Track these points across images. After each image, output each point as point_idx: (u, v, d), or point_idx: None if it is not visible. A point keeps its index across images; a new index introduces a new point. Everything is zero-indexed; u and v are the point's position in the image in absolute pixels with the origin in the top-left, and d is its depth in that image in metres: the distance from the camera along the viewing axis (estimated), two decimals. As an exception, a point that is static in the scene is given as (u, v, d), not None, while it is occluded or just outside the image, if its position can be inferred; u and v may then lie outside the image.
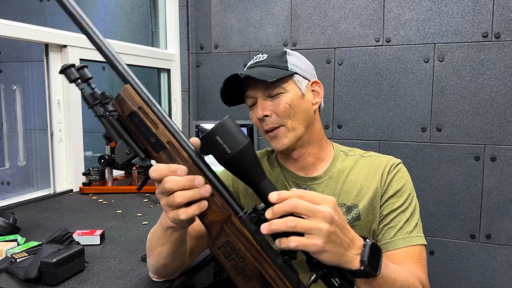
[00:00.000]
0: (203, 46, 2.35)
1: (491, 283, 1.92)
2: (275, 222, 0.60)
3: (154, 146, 0.64)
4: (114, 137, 0.66)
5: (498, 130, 1.86)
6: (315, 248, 0.60)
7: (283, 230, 0.60)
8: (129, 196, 1.70)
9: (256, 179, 0.65)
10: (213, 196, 0.64)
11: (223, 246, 0.64)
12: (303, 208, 0.60)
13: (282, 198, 0.61)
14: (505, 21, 1.81)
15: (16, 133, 2.27)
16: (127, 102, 0.63)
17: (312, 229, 0.60)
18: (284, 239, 0.60)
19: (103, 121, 0.66)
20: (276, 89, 0.96)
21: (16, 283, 0.91)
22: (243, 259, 0.64)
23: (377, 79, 2.03)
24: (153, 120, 0.64)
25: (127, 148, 0.65)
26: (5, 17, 1.49)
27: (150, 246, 0.85)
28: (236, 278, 0.65)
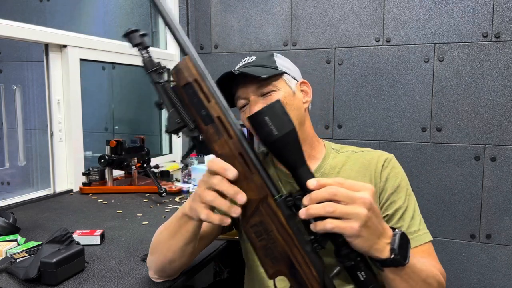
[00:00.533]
0: (203, 46, 2.35)
1: (491, 283, 1.92)
2: (313, 206, 0.61)
3: (203, 119, 0.66)
4: (167, 105, 0.68)
5: (498, 130, 1.86)
6: (351, 231, 0.61)
7: (321, 215, 0.61)
8: (129, 196, 1.70)
9: (296, 164, 0.66)
10: (253, 175, 0.65)
11: (256, 226, 0.66)
12: (342, 195, 0.61)
13: (321, 185, 0.63)
14: (505, 21, 1.81)
15: (16, 133, 2.27)
16: (184, 73, 0.66)
17: (350, 214, 0.61)
18: (320, 221, 0.62)
19: (158, 88, 0.68)
20: (268, 87, 0.96)
21: (16, 283, 0.91)
22: (274, 241, 0.65)
23: (377, 79, 2.03)
24: (206, 93, 0.66)
25: (178, 118, 0.67)
26: (5, 17, 1.49)
27: (159, 240, 0.86)
28: (264, 259, 0.66)
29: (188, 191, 1.76)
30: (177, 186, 1.78)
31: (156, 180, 1.68)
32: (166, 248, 0.84)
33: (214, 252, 1.15)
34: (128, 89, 2.57)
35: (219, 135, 0.65)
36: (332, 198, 0.61)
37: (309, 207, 0.62)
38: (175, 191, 1.74)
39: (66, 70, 1.73)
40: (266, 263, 0.67)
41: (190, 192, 1.76)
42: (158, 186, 1.62)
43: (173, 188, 1.74)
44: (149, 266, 0.93)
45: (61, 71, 1.74)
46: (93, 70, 2.40)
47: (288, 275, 0.67)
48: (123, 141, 1.75)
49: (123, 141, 1.76)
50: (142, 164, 1.78)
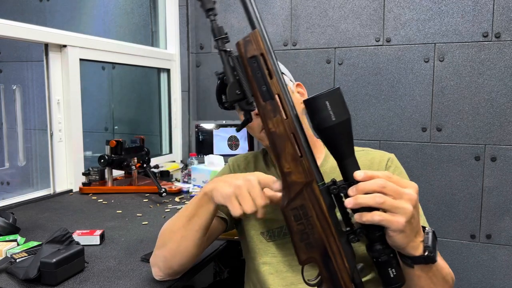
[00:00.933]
0: (203, 46, 2.35)
1: (491, 283, 1.92)
2: (362, 196, 0.62)
3: (263, 94, 0.66)
4: (228, 76, 0.68)
5: (498, 130, 1.86)
6: (397, 225, 0.62)
7: (370, 205, 0.61)
8: (129, 196, 1.70)
9: (345, 154, 0.66)
10: (302, 158, 0.65)
11: (296, 209, 0.66)
12: (391, 189, 0.62)
13: (369, 177, 0.63)
14: (505, 21, 1.81)
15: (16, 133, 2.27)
16: (253, 45, 0.67)
17: (398, 208, 0.62)
18: (367, 213, 0.62)
19: (223, 56, 0.69)
20: None
21: (16, 283, 0.91)
22: (312, 227, 0.66)
23: (377, 79, 2.03)
24: (269, 69, 0.66)
25: (238, 89, 0.67)
26: (5, 17, 1.49)
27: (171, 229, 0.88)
28: (299, 244, 0.67)
29: (188, 191, 1.76)
30: (177, 186, 1.78)
31: (156, 180, 1.68)
32: (181, 235, 0.85)
33: (214, 252, 1.15)
34: (128, 89, 2.57)
35: (275, 113, 0.65)
36: (380, 190, 0.62)
37: (357, 196, 0.62)
38: (175, 191, 1.74)
39: (66, 70, 1.73)
40: (300, 248, 0.67)
41: (190, 192, 1.75)
42: (158, 186, 1.62)
43: (173, 188, 1.74)
44: (154, 263, 0.92)
45: (61, 71, 1.73)
46: (93, 70, 2.40)
47: (321, 263, 0.67)
48: (123, 141, 1.75)
49: (123, 141, 1.76)
50: (142, 164, 1.78)
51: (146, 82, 2.53)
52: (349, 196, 0.63)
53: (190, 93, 2.38)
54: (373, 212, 0.62)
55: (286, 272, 0.96)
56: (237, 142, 2.27)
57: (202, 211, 0.82)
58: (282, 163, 0.66)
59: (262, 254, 0.98)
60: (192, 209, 0.84)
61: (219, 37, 0.70)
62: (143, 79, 2.54)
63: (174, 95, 2.41)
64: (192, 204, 0.85)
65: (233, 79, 0.67)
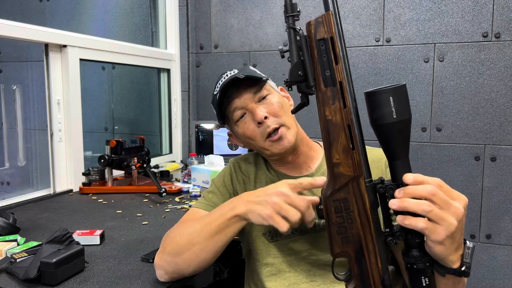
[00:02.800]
0: (203, 46, 2.35)
1: (491, 283, 1.92)
2: (408, 200, 0.60)
3: (325, 79, 0.63)
4: (293, 55, 0.64)
5: (498, 130, 1.86)
6: (438, 237, 0.60)
7: (415, 211, 0.59)
8: (129, 196, 1.70)
9: (398, 154, 0.64)
10: (353, 151, 0.64)
11: (339, 201, 0.65)
12: (440, 198, 0.60)
13: (419, 182, 0.61)
14: (505, 21, 1.81)
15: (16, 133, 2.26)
16: (324, 27, 0.62)
17: (443, 220, 0.59)
18: (411, 217, 0.60)
19: (291, 34, 0.64)
20: (263, 91, 0.98)
21: (16, 283, 0.91)
22: (351, 222, 0.65)
23: (377, 79, 2.03)
24: (336, 54, 0.63)
25: (301, 70, 0.64)
26: (5, 17, 1.49)
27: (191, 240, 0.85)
28: (335, 236, 0.66)
29: (188, 191, 1.76)
30: (177, 186, 1.78)
31: (156, 180, 1.68)
32: (200, 248, 0.84)
33: (214, 252, 1.14)
34: (128, 89, 2.57)
35: (333, 101, 0.63)
36: (429, 197, 0.59)
37: (403, 199, 0.60)
38: (175, 191, 1.74)
39: (66, 70, 1.73)
40: (335, 240, 0.66)
41: (190, 192, 1.75)
42: (158, 186, 1.62)
43: (173, 188, 1.74)
44: (161, 266, 0.90)
45: (61, 71, 1.73)
46: (93, 70, 2.40)
47: (354, 259, 0.66)
48: (123, 141, 1.75)
49: (123, 141, 1.76)
50: (142, 164, 1.78)
51: (146, 82, 2.53)
52: (395, 197, 0.62)
53: (190, 93, 2.38)
54: (418, 218, 0.60)
55: (288, 272, 0.96)
56: (237, 142, 2.27)
57: (230, 230, 0.82)
58: (332, 153, 0.65)
59: (264, 255, 0.98)
60: (218, 226, 0.83)
61: (291, 14, 0.64)
62: (143, 79, 2.54)
63: (174, 95, 2.41)
64: (217, 222, 0.83)
65: (297, 59, 0.64)
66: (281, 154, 0.98)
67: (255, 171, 1.06)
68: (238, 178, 1.06)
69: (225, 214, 0.82)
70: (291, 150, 0.98)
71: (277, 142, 0.95)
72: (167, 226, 1.33)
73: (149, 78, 2.49)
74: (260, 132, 0.96)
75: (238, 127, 1.00)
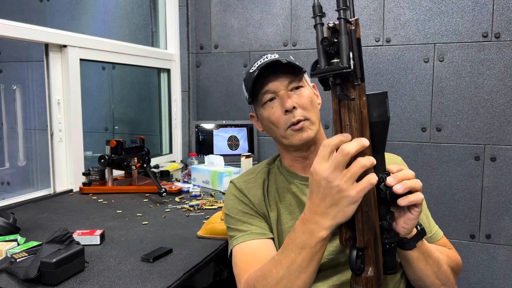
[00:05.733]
0: (203, 46, 2.35)
1: (491, 283, 1.92)
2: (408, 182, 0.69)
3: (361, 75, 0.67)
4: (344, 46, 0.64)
5: (498, 130, 1.86)
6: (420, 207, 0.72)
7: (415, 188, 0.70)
8: (129, 196, 1.70)
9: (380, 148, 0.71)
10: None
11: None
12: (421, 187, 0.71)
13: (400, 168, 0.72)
14: (505, 21, 1.81)
15: (16, 133, 2.26)
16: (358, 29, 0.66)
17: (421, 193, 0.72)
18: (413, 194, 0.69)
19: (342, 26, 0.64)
20: (299, 82, 0.97)
21: (16, 283, 0.91)
22: (371, 209, 0.69)
23: (377, 79, 2.03)
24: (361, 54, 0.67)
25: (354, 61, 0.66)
26: (5, 17, 1.49)
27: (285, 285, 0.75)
28: (363, 226, 0.69)
29: (188, 191, 1.76)
30: (177, 186, 1.78)
31: (156, 180, 1.68)
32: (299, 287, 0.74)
33: (214, 252, 1.15)
34: (128, 89, 2.57)
35: (362, 96, 0.67)
36: (413, 177, 0.70)
37: (404, 182, 0.69)
38: (175, 191, 1.74)
39: (66, 70, 1.73)
40: (364, 229, 0.69)
41: (190, 192, 1.75)
42: (158, 186, 1.62)
43: (173, 188, 1.74)
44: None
45: (61, 71, 1.74)
46: (93, 70, 2.40)
47: (373, 245, 0.70)
48: (123, 141, 1.75)
49: (123, 141, 1.76)
50: (142, 164, 1.78)
51: (146, 82, 2.53)
52: (389, 185, 0.69)
53: (190, 93, 2.38)
54: (417, 192, 0.69)
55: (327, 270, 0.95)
56: (237, 142, 2.27)
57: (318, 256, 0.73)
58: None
59: None
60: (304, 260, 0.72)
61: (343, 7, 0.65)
62: (143, 79, 2.54)
63: (174, 95, 2.41)
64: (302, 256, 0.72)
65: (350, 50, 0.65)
66: (298, 146, 0.97)
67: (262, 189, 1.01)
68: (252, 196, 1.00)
69: (308, 244, 0.70)
70: (308, 145, 0.97)
71: (298, 132, 0.94)
72: (167, 226, 1.34)
73: (149, 78, 2.49)
74: (284, 120, 0.95)
75: (264, 110, 0.98)
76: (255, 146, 2.27)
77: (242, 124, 2.27)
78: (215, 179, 1.80)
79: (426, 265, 0.82)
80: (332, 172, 0.65)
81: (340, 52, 0.64)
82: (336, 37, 0.65)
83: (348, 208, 0.66)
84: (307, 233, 0.70)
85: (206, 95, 2.38)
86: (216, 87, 2.35)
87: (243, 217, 0.97)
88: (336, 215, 0.67)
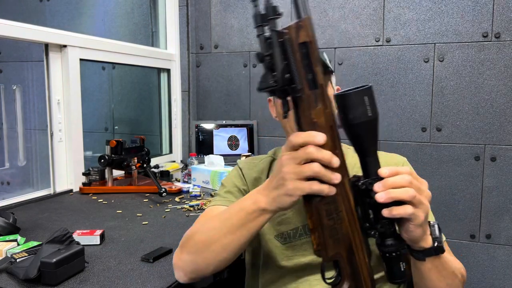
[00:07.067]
0: (203, 46, 2.35)
1: (491, 283, 1.92)
2: (394, 191, 0.63)
3: (309, 83, 0.63)
4: (277, 58, 0.63)
5: (498, 130, 1.86)
6: (419, 220, 0.64)
7: (402, 199, 0.63)
8: (129, 196, 1.70)
9: (370, 151, 0.67)
10: (336, 151, 0.64)
11: (329, 204, 0.65)
12: (415, 185, 0.64)
13: (394, 173, 0.64)
14: (505, 21, 1.81)
15: (16, 133, 2.27)
16: (305, 31, 0.63)
17: (422, 204, 0.64)
18: (399, 207, 0.63)
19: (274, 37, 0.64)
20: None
21: (16, 283, 0.91)
22: (340, 222, 0.66)
23: (377, 79, 2.03)
24: (316, 58, 0.63)
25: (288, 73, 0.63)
26: (5, 17, 1.49)
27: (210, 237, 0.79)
28: (327, 240, 0.66)
29: (188, 191, 1.76)
30: (177, 186, 1.78)
31: (156, 180, 1.68)
32: (221, 246, 0.78)
33: (214, 252, 1.14)
34: (128, 89, 2.57)
35: (317, 103, 0.63)
36: (407, 186, 0.64)
37: (389, 191, 0.63)
38: (175, 191, 1.74)
39: (66, 70, 1.73)
40: (328, 244, 0.66)
41: (190, 192, 1.75)
42: (158, 186, 1.62)
43: (173, 188, 1.74)
44: (182, 267, 0.85)
45: (61, 71, 1.73)
46: (93, 70, 2.40)
47: (345, 259, 0.67)
48: (123, 141, 1.75)
49: (123, 141, 1.76)
50: (142, 164, 1.78)
51: (146, 82, 2.53)
52: (375, 191, 0.64)
53: (190, 93, 2.38)
54: (405, 205, 0.63)
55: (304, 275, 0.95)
56: (237, 142, 2.27)
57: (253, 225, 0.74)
58: None
59: (278, 259, 0.96)
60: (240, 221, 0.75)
61: (273, 16, 0.65)
62: (143, 79, 2.54)
63: (174, 95, 2.41)
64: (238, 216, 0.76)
65: (284, 62, 0.62)
66: None
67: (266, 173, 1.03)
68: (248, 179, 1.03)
69: (246, 208, 0.74)
70: None
71: None
72: (167, 226, 1.34)
73: (149, 78, 2.49)
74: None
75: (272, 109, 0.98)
76: (255, 146, 2.27)
77: (242, 124, 2.27)
78: (215, 179, 1.80)
79: (440, 277, 0.76)
80: (287, 158, 0.65)
81: (274, 66, 0.62)
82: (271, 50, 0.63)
83: (283, 197, 0.67)
84: (249, 200, 0.74)
85: (206, 95, 2.38)
86: (216, 87, 2.35)
87: (233, 189, 1.01)
88: (275, 198, 0.69)
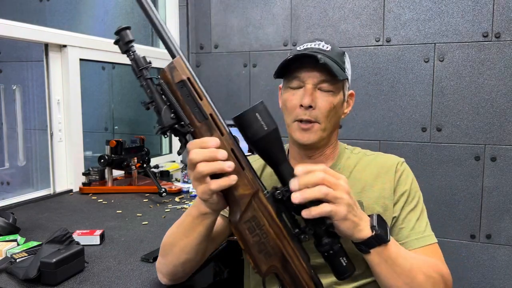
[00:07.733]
0: (203, 46, 2.35)
1: (491, 283, 1.92)
2: (307, 190, 0.65)
3: (196, 116, 0.68)
4: (158, 103, 0.69)
5: (498, 130, 1.86)
6: (341, 214, 0.67)
7: (316, 197, 0.65)
8: (129, 196, 1.70)
9: (279, 160, 0.70)
10: (244, 170, 0.68)
11: (249, 221, 0.68)
12: (329, 181, 0.66)
13: (308, 171, 0.66)
14: (505, 21, 1.81)
15: (16, 133, 2.27)
16: (178, 71, 0.68)
17: (338, 198, 0.66)
18: (316, 207, 0.65)
19: (150, 85, 0.70)
20: (331, 86, 0.92)
21: (16, 283, 0.91)
22: (266, 235, 0.68)
23: (377, 79, 2.03)
24: (198, 92, 0.68)
25: (173, 114, 0.69)
26: (5, 17, 1.49)
27: (171, 241, 0.84)
28: (258, 256, 0.68)
29: (188, 191, 1.76)
30: (177, 186, 1.78)
31: (156, 180, 1.68)
32: (181, 248, 0.82)
33: (214, 252, 1.14)
34: (128, 89, 2.57)
35: (211, 132, 0.68)
36: (320, 182, 0.65)
37: (303, 191, 0.65)
38: (175, 191, 1.74)
39: (66, 70, 1.73)
40: (259, 259, 0.69)
41: (190, 192, 1.76)
42: (158, 186, 1.62)
43: (173, 188, 1.74)
44: (159, 268, 0.90)
45: (61, 71, 1.73)
46: (93, 70, 2.40)
47: (281, 270, 0.69)
48: (123, 141, 1.75)
49: (123, 141, 1.76)
50: (142, 164, 1.78)
51: (146, 82, 2.52)
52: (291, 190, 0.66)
53: (190, 93, 2.38)
54: (323, 204, 0.65)
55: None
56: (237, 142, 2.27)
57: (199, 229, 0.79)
58: None
59: None
60: (188, 226, 0.80)
61: (144, 66, 0.72)
62: (143, 79, 2.53)
63: (174, 95, 2.41)
64: (186, 221, 0.81)
65: (164, 105, 0.68)
66: (295, 143, 0.97)
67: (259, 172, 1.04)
68: None
69: (192, 213, 0.79)
70: (309, 147, 0.95)
71: (301, 132, 0.92)
72: (167, 226, 1.33)
73: (149, 78, 2.48)
74: (296, 112, 0.92)
75: (286, 93, 0.96)
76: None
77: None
78: (215, 179, 1.80)
79: (393, 273, 0.76)
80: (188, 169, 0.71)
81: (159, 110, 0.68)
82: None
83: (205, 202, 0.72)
84: (194, 206, 0.78)
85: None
86: (216, 87, 2.35)
87: None
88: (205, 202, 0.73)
